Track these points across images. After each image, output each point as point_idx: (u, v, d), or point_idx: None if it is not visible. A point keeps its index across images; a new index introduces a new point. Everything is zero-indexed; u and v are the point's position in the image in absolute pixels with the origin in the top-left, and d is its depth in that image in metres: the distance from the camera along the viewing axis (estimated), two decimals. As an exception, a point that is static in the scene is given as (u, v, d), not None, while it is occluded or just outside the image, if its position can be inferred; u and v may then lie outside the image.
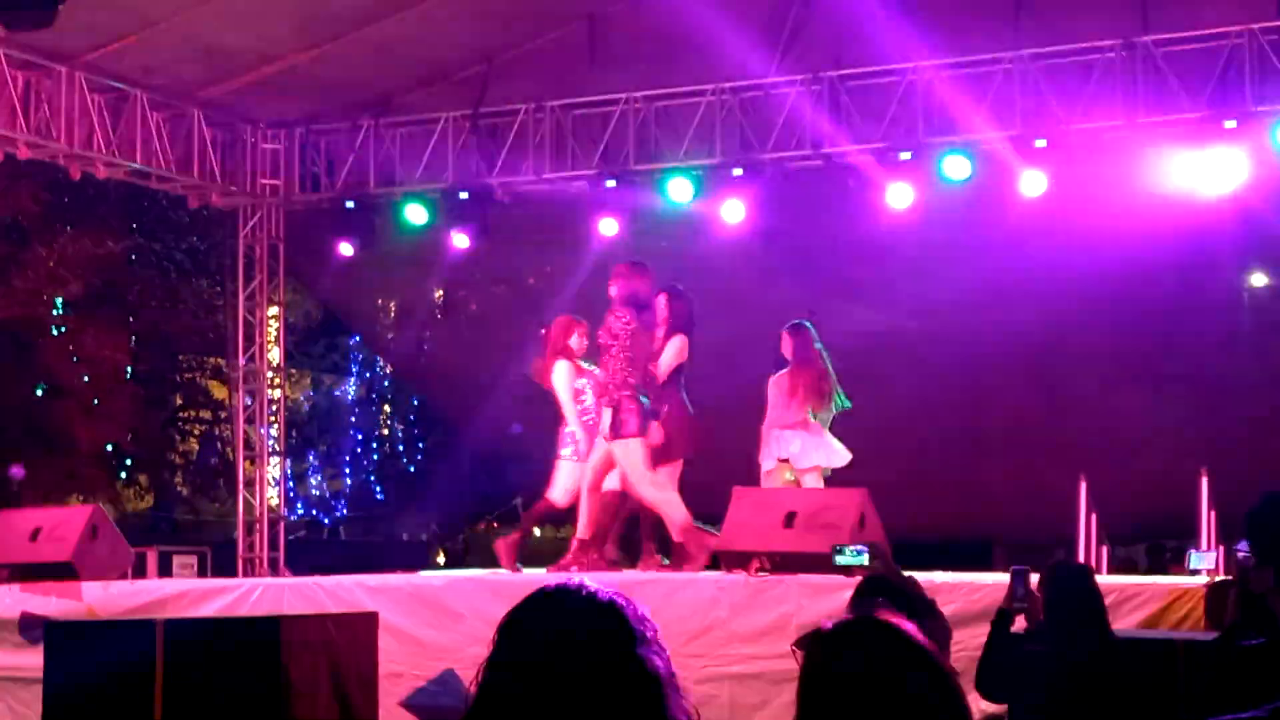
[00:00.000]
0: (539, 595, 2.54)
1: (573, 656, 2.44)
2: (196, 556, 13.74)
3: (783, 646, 10.08)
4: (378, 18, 13.68)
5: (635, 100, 14.20)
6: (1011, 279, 14.43)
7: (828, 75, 13.64)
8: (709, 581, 10.71)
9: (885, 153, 13.30)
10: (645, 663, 2.47)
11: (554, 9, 14.49)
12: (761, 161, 13.80)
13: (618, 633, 2.49)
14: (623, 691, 2.44)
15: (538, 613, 2.52)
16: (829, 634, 2.75)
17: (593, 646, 2.46)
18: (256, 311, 16.05)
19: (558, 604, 2.52)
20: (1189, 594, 9.46)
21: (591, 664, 2.44)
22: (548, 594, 2.54)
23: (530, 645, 2.48)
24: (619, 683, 2.44)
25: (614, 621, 2.50)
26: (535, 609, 2.52)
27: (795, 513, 10.78)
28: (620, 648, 2.47)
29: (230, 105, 15.02)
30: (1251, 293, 15.36)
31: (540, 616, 2.51)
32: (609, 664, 2.45)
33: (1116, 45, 12.74)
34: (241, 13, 13.15)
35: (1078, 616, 6.05)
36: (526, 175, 14.68)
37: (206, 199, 15.81)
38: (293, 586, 11.52)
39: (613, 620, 2.50)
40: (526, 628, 2.50)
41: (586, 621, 2.49)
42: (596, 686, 2.43)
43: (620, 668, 2.45)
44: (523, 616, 2.52)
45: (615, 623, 2.50)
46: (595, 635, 2.47)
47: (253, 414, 16.04)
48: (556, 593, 2.54)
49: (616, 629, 2.49)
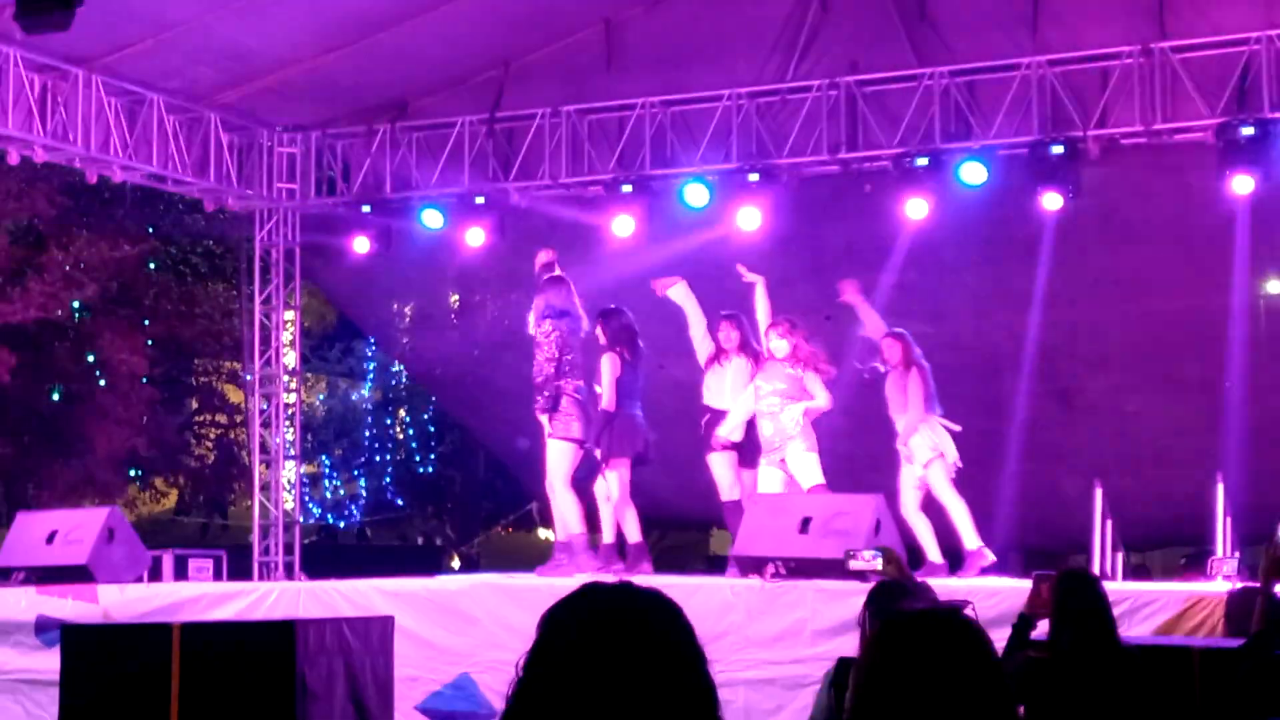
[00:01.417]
0: (598, 591, 2.37)
1: (645, 660, 2.27)
2: (213, 560, 13.73)
3: (798, 652, 10.14)
4: (394, 22, 13.71)
5: (651, 105, 14.21)
6: (1027, 284, 14.40)
7: (844, 81, 13.64)
8: (724, 586, 10.72)
9: (901, 159, 13.30)
10: (707, 674, 2.33)
11: (570, 14, 14.51)
12: (778, 167, 13.80)
13: (687, 638, 2.33)
14: (686, 701, 2.29)
15: (598, 609, 2.34)
16: (899, 625, 2.74)
17: (666, 651, 2.30)
18: (272, 315, 16.07)
19: (620, 600, 2.34)
20: (1205, 601, 9.43)
21: (663, 669, 2.28)
22: (605, 591, 2.37)
23: (593, 643, 2.28)
24: (684, 692, 2.29)
25: (683, 626, 2.34)
26: (597, 604, 2.35)
27: (810, 518, 10.79)
28: (689, 654, 2.32)
29: (247, 109, 15.05)
30: (1267, 299, 15.30)
31: (602, 612, 2.33)
32: (678, 671, 2.30)
33: (1134, 51, 12.73)
34: (259, 17, 13.18)
35: (1084, 623, 6.04)
36: (543, 180, 14.69)
37: (222, 203, 15.84)
38: (308, 590, 11.54)
39: (682, 624, 2.34)
40: (590, 624, 2.31)
41: (658, 622, 2.32)
42: (665, 693, 2.27)
43: (687, 676, 2.31)
44: (584, 612, 2.34)
45: (684, 627, 2.34)
46: (668, 639, 2.31)
47: (268, 418, 16.06)
48: (615, 590, 2.37)
49: (686, 633, 2.33)
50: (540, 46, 14.88)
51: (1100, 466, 12.69)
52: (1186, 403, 14.99)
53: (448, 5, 13.51)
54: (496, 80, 15.03)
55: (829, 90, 13.66)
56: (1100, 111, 12.88)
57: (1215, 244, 13.68)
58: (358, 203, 15.31)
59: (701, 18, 14.42)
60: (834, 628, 9.78)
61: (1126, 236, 14.20)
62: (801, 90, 13.83)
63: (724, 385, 12.15)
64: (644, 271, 13.71)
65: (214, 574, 13.46)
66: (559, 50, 14.87)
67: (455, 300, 19.02)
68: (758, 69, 14.22)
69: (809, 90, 13.76)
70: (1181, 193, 13.53)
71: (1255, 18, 12.44)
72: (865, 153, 13.64)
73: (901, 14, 14.03)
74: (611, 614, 2.31)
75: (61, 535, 12.09)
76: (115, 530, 12.10)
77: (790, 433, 11.85)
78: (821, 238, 15.00)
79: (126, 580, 11.91)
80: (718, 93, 13.99)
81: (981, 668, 2.70)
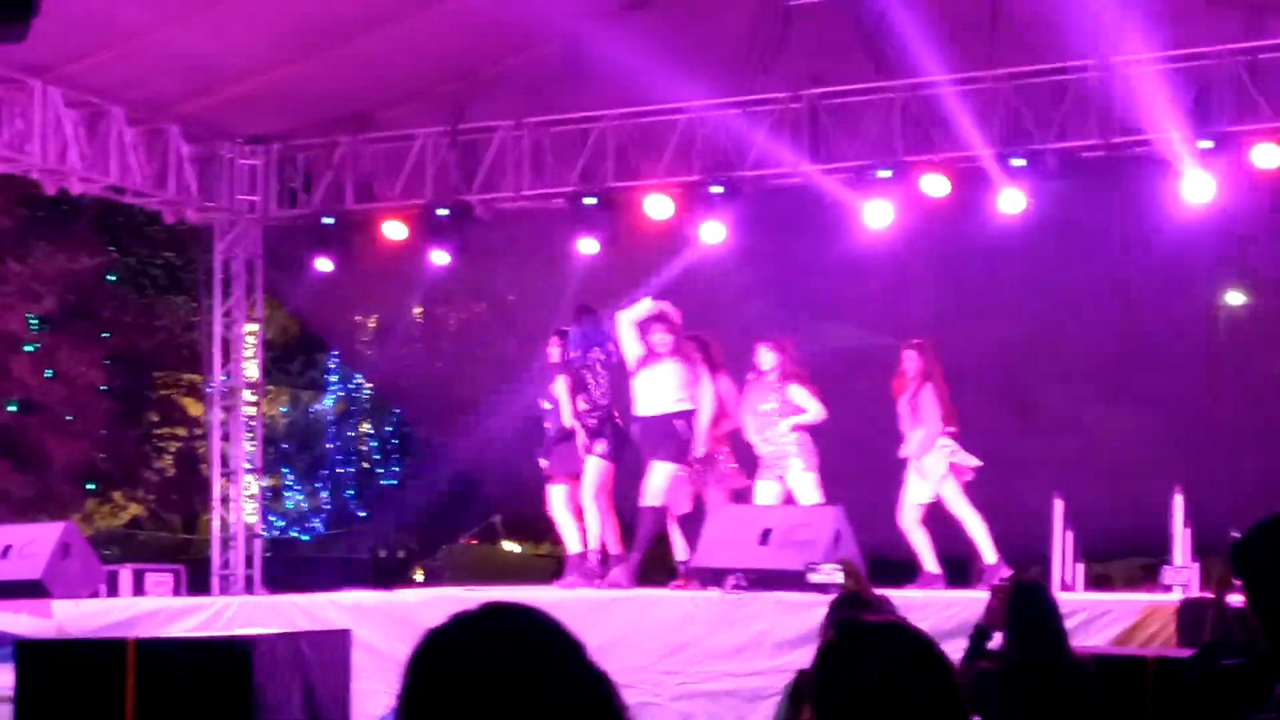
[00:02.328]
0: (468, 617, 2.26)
1: (522, 679, 2.17)
2: (171, 574, 13.64)
3: (758, 664, 10.13)
4: (357, 34, 13.65)
5: (614, 117, 14.20)
6: (988, 296, 14.46)
7: (806, 94, 13.67)
8: (685, 599, 10.72)
9: (864, 170, 13.32)
10: (594, 680, 2.23)
11: (533, 27, 14.47)
12: (740, 179, 13.81)
13: (565, 650, 2.24)
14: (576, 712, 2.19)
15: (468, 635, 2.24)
16: (848, 638, 2.73)
17: (545, 667, 2.20)
18: (233, 328, 15.98)
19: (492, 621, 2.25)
20: (1160, 611, 9.47)
21: (542, 684, 2.19)
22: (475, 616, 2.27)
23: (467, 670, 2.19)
24: (572, 703, 2.20)
25: (558, 639, 2.24)
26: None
27: (770, 530, 10.80)
28: (568, 665, 2.23)
29: (207, 120, 14.98)
30: (1227, 310, 15.39)
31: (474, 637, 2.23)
32: (560, 684, 2.20)
33: (1092, 65, 12.78)
34: (220, 27, 13.12)
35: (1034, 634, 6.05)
36: (505, 192, 14.67)
37: (182, 215, 15.75)
38: (267, 604, 11.50)
39: (556, 638, 2.24)
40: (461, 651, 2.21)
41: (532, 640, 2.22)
42: (551, 707, 2.18)
43: (571, 687, 2.21)
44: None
45: (558, 640, 2.24)
46: (545, 656, 2.21)
47: (229, 431, 15.97)
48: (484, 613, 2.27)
49: (564, 646, 2.24)
50: (503, 59, 14.85)
51: (1060, 478, 12.72)
52: (1146, 414, 15.05)
53: (410, 17, 13.47)
54: (459, 92, 15.00)
55: (791, 103, 13.69)
56: (1059, 124, 12.93)
57: (1173, 255, 13.75)
58: (319, 215, 15.26)
59: (664, 30, 14.40)
60: (794, 639, 9.77)
61: (1085, 249, 14.26)
62: (764, 103, 13.85)
63: (653, 389, 12.01)
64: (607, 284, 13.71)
65: (173, 589, 13.37)
66: (522, 62, 14.83)
67: (418, 312, 18.97)
68: (720, 82, 14.21)
69: (771, 103, 13.78)
70: (1139, 205, 13.59)
71: (1209, 33, 12.51)
72: (828, 165, 13.66)
73: (863, 27, 14.05)
74: (485, 636, 2.25)
75: (16, 550, 12.00)
76: (71, 545, 12.03)
77: (788, 449, 11.90)
78: (784, 250, 15.01)
79: (82, 595, 11.83)
80: (680, 105, 13.99)
81: (935, 678, 2.69)
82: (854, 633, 2.79)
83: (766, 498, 11.95)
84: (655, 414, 11.91)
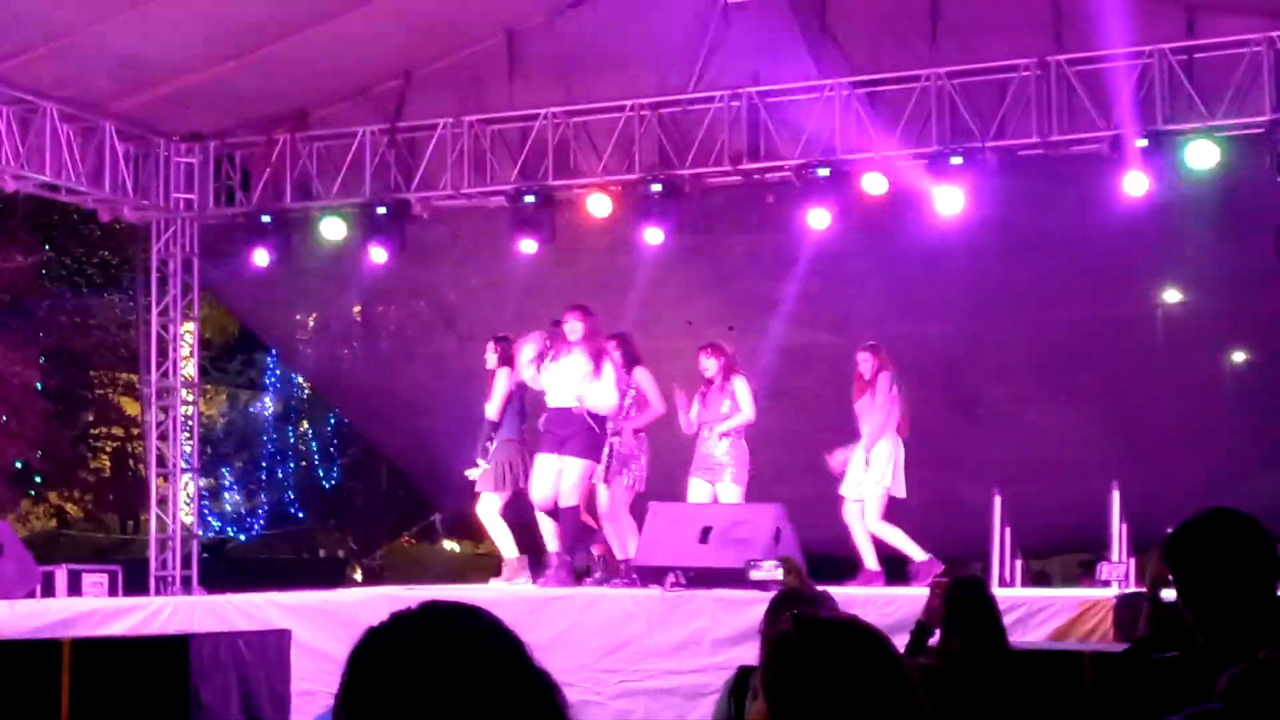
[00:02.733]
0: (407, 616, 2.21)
1: (461, 676, 2.14)
2: (107, 575, 13.49)
3: (698, 661, 10.12)
4: (294, 31, 13.56)
5: (554, 115, 14.18)
6: (927, 294, 14.51)
7: (746, 91, 13.68)
8: (625, 596, 10.70)
9: (803, 169, 13.34)
10: (536, 678, 2.20)
11: (472, 24, 14.44)
12: (680, 177, 13.81)
13: (507, 648, 2.20)
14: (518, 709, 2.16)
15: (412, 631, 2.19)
16: (804, 631, 2.74)
17: (485, 665, 2.16)
18: (170, 327, 15.85)
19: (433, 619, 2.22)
20: (1098, 606, 9.54)
21: (482, 682, 2.15)
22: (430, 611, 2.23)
23: (405, 667, 2.14)
24: (513, 701, 2.16)
25: (499, 637, 2.20)
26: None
27: (710, 528, 10.80)
28: (510, 664, 2.19)
29: (143, 118, 14.84)
30: (1165, 309, 15.51)
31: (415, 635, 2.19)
32: (501, 682, 2.16)
33: (1031, 64, 12.86)
34: (155, 25, 12.99)
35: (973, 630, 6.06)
36: (445, 190, 14.62)
37: (118, 213, 15.60)
38: (204, 605, 11.40)
39: (498, 635, 2.20)
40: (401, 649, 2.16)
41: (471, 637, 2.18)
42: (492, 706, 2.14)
43: (512, 686, 2.17)
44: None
45: (500, 638, 2.20)
46: (485, 653, 2.17)
47: (166, 430, 15.84)
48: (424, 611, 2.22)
49: (505, 643, 2.20)
50: (442, 56, 14.80)
51: (1000, 474, 12.79)
52: (1085, 411, 15.16)
53: (348, 14, 13.39)
54: (398, 90, 14.94)
55: (731, 101, 13.70)
56: (998, 123, 13.00)
57: (1112, 254, 13.85)
58: (257, 213, 15.16)
59: (604, 28, 14.40)
60: (734, 637, 9.78)
61: (1025, 247, 14.34)
62: (704, 101, 13.86)
63: (562, 380, 11.69)
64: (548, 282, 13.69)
65: (109, 589, 13.24)
66: (461, 60, 14.80)
67: (357, 311, 18.88)
68: (660, 80, 14.23)
69: (711, 101, 13.79)
70: (1078, 203, 13.68)
71: (1148, 32, 12.61)
72: (767, 163, 13.68)
73: (802, 26, 14.09)
74: (425, 634, 2.20)
75: (-50, 551, 11.85)
76: (4, 545, 11.88)
77: (723, 460, 11.90)
78: (724, 248, 15.03)
79: (17, 596, 11.68)
80: (620, 103, 13.98)
81: (891, 672, 2.71)
82: (810, 626, 2.79)
83: (700, 496, 11.93)
84: (563, 406, 11.72)
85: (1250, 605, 3.38)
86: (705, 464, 12.03)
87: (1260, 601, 3.40)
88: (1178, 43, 12.56)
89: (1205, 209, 13.07)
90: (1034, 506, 13.06)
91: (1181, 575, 3.49)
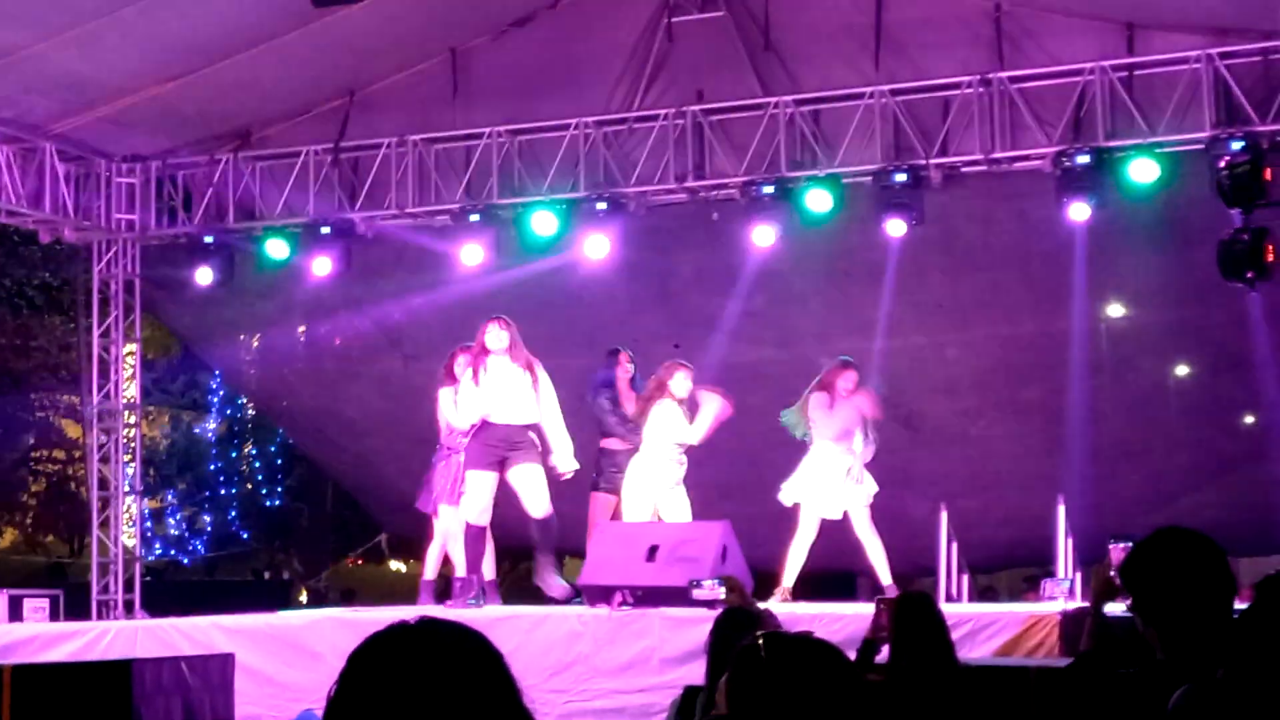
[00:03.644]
0: (404, 629, 2.25)
1: (450, 695, 2.17)
2: (49, 600, 13.35)
3: (645, 680, 10.09)
4: (237, 50, 13.50)
5: (498, 134, 14.15)
6: (872, 310, 14.54)
7: (691, 109, 13.69)
8: (571, 616, 10.66)
9: (748, 187, 13.36)
10: (517, 704, 2.24)
11: (416, 44, 14.41)
12: (625, 195, 13.81)
13: (494, 670, 2.24)
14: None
15: (406, 646, 2.22)
16: (759, 648, 2.79)
17: (473, 685, 2.20)
18: (112, 348, 15.71)
19: (426, 636, 2.24)
20: (1043, 622, 9.56)
21: (470, 703, 2.19)
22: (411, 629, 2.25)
23: (398, 681, 2.18)
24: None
25: (490, 658, 2.24)
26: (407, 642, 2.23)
27: (657, 546, 10.78)
28: (496, 686, 2.22)
29: (84, 139, 14.73)
30: (1109, 323, 15.59)
31: (409, 649, 2.22)
32: (486, 704, 2.20)
33: (974, 81, 12.92)
34: (95, 45, 12.89)
35: (922, 646, 6.06)
36: (389, 209, 14.57)
37: (59, 234, 15.48)
38: (146, 629, 11.28)
39: (488, 656, 2.24)
40: (396, 663, 2.20)
41: (463, 656, 2.22)
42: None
43: (495, 708, 2.21)
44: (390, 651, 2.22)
45: (491, 659, 2.24)
46: (474, 673, 2.21)
47: (108, 453, 15.70)
48: (421, 627, 2.25)
49: (493, 665, 2.24)
50: (386, 75, 14.77)
51: (946, 490, 12.83)
52: (1030, 426, 15.23)
53: (291, 34, 13.33)
54: (342, 109, 14.90)
55: (675, 119, 13.70)
56: (942, 140, 13.05)
57: (1055, 269, 13.92)
58: (200, 233, 15.06)
59: (548, 47, 14.41)
60: (681, 656, 9.75)
61: (969, 263, 14.41)
62: (648, 119, 13.86)
63: (506, 394, 11.51)
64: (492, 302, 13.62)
65: (50, 614, 13.09)
66: (405, 79, 14.77)
67: (301, 331, 18.76)
68: (605, 98, 14.23)
69: (656, 119, 13.80)
70: (1021, 219, 13.76)
71: (1089, 49, 12.70)
72: (712, 181, 13.70)
73: (747, 44, 14.12)
74: (418, 650, 2.24)
75: (-112, 576, 11.69)
76: (-56, 571, 11.74)
77: None
78: (670, 266, 15.03)
79: (-43, 622, 11.55)
80: (565, 122, 13.97)
81: (850, 688, 2.77)
82: (778, 643, 2.86)
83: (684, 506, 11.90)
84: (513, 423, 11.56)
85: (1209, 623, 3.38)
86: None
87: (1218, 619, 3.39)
88: (1118, 60, 12.66)
89: (1147, 224, 13.16)
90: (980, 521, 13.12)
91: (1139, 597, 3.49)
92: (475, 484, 11.51)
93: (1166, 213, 12.89)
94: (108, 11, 12.43)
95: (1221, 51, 12.22)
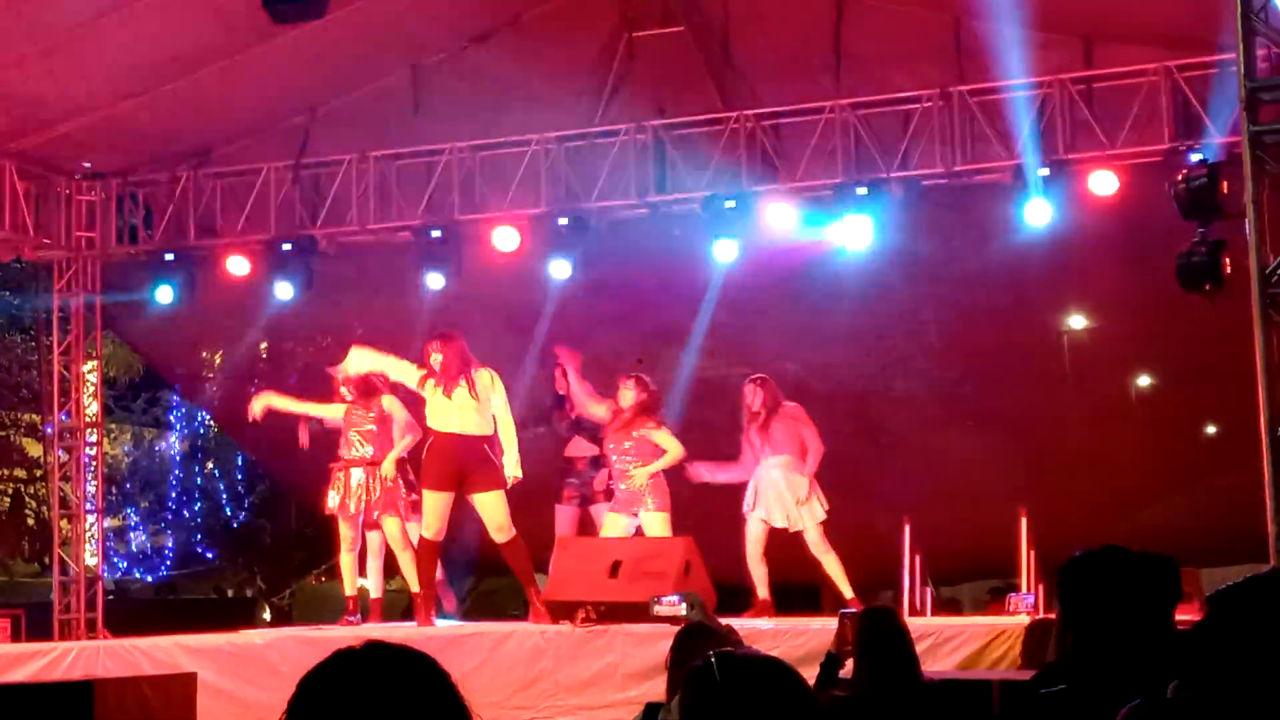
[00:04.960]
0: (350, 655, 2.27)
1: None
2: (10, 619, 13.27)
3: (609, 696, 10.08)
4: (196, 68, 13.45)
5: (460, 150, 14.14)
6: (835, 323, 14.58)
7: (651, 125, 13.71)
8: (534, 632, 10.65)
9: (710, 201, 13.37)
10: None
11: (377, 60, 14.39)
12: (587, 211, 13.81)
13: (443, 692, 2.25)
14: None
15: (353, 672, 2.25)
16: (712, 668, 2.76)
17: (422, 708, 2.21)
18: (72, 366, 15.63)
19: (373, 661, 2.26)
20: (1006, 634, 9.59)
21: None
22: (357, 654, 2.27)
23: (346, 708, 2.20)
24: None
25: (437, 680, 2.26)
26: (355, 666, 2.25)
27: (620, 562, 10.78)
28: (445, 708, 2.24)
29: (44, 157, 14.66)
30: (1070, 335, 15.67)
31: (356, 675, 2.24)
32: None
33: (934, 95, 12.97)
34: (54, 63, 12.84)
35: (885, 660, 6.07)
36: (351, 226, 14.53)
37: (19, 253, 15.40)
38: (108, 649, 11.23)
39: (436, 679, 2.26)
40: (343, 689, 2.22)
41: (411, 680, 2.24)
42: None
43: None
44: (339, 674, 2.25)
45: (438, 681, 2.25)
46: (423, 696, 2.22)
47: (69, 471, 15.61)
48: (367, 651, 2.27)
49: (442, 688, 2.25)
50: (347, 92, 14.74)
51: (909, 502, 12.85)
52: (992, 437, 15.27)
53: (251, 50, 13.28)
54: (302, 126, 14.86)
55: (637, 134, 13.72)
56: (903, 153, 13.10)
57: (1016, 281, 13.99)
58: (160, 251, 15.00)
59: (509, 63, 14.40)
60: (644, 671, 9.75)
61: (930, 275, 14.45)
62: (609, 134, 13.87)
63: (442, 406, 11.71)
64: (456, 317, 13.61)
65: (12, 634, 13.01)
66: (366, 96, 14.74)
67: (263, 348, 18.71)
68: (566, 114, 14.22)
69: (617, 134, 13.80)
70: (982, 232, 13.81)
71: (1047, 62, 12.76)
72: (674, 196, 13.71)
73: (707, 59, 14.15)
74: (365, 675, 2.25)
75: None
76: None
77: (640, 489, 11.88)
78: (632, 281, 15.03)
79: (-84, 643, 11.47)
80: (526, 137, 13.96)
81: (800, 708, 2.73)
82: (730, 662, 2.82)
83: (616, 530, 11.91)
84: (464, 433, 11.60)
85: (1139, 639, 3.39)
86: (624, 498, 12.00)
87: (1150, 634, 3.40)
88: (1076, 73, 12.73)
89: (1107, 236, 13.23)
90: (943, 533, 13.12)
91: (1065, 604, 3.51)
92: (431, 503, 11.55)
93: (1126, 224, 12.96)
94: (67, 29, 12.38)
95: (1180, 64, 12.30)
